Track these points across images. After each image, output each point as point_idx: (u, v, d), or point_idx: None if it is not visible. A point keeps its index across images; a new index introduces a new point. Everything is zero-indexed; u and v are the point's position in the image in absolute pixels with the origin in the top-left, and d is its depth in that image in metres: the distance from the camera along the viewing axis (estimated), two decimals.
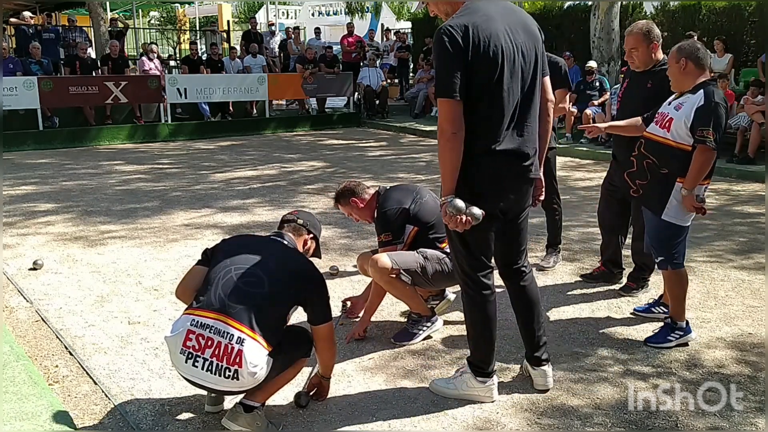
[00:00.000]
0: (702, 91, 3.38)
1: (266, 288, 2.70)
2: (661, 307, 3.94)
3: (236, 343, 2.58)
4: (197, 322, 2.64)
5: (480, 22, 2.61)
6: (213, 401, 2.94)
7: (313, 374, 3.07)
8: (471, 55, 2.58)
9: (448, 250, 3.45)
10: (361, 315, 3.82)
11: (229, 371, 2.58)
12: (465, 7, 2.70)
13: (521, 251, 3.06)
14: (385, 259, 3.51)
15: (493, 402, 3.01)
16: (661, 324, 3.70)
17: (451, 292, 3.97)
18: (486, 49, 2.59)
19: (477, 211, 2.65)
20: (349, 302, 4.02)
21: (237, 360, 2.57)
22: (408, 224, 3.67)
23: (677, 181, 3.44)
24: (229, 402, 2.93)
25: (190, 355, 2.62)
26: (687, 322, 3.62)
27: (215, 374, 2.59)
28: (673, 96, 3.59)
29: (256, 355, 2.60)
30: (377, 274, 3.53)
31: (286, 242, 2.97)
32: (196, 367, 2.61)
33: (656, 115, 3.61)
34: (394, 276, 3.53)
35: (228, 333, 2.59)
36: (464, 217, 2.63)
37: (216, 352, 2.58)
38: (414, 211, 3.65)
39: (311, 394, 3.02)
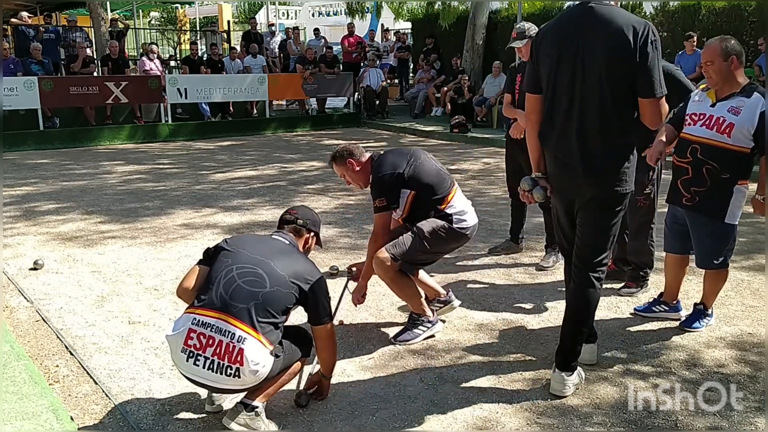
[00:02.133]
0: (757, 93, 3.43)
1: (268, 287, 2.70)
2: (662, 306, 3.95)
3: (237, 341, 2.59)
4: (198, 321, 2.65)
5: (553, 27, 3.02)
6: (213, 401, 2.95)
7: (313, 372, 3.07)
8: (539, 58, 3.03)
9: (448, 211, 3.60)
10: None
11: (231, 369, 2.59)
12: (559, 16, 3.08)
13: None
14: (383, 253, 3.51)
15: (592, 364, 3.29)
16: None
17: (456, 299, 3.97)
18: (548, 52, 2.98)
19: (539, 189, 3.16)
20: (355, 268, 3.99)
21: (238, 358, 2.58)
22: (405, 188, 3.59)
23: (739, 183, 3.50)
24: (229, 402, 2.93)
25: (191, 354, 2.63)
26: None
27: (217, 372, 2.60)
28: (698, 91, 3.64)
29: (257, 353, 2.61)
30: (379, 270, 3.54)
31: (287, 242, 2.97)
32: (198, 365, 2.62)
33: (697, 117, 3.57)
34: (396, 271, 3.53)
35: (229, 332, 2.60)
36: (528, 194, 3.13)
37: (217, 351, 2.59)
38: (409, 174, 3.56)
39: (311, 392, 3.02)
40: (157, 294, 4.45)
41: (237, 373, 2.59)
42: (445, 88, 14.37)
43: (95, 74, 13.33)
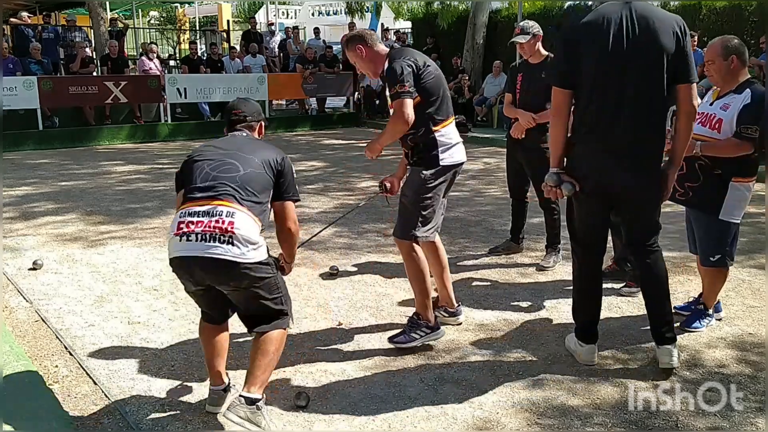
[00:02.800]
0: (748, 89, 3.46)
1: (242, 171, 2.78)
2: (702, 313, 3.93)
3: (227, 216, 2.65)
4: (185, 212, 2.73)
5: (594, 21, 3.05)
6: (214, 401, 2.94)
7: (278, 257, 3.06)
8: (577, 52, 3.09)
9: (438, 138, 3.51)
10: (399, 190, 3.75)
11: (224, 237, 2.62)
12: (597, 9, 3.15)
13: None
14: (399, 243, 3.54)
15: (592, 365, 3.32)
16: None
17: (462, 315, 3.91)
18: (589, 47, 3.06)
19: (567, 183, 3.21)
20: (387, 183, 3.85)
21: (229, 228, 2.63)
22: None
23: (733, 181, 3.51)
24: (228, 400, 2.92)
25: (183, 235, 2.67)
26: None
27: (210, 241, 2.62)
28: (709, 94, 3.66)
29: (247, 225, 2.67)
30: (401, 249, 3.55)
31: (245, 134, 3.07)
32: (190, 241, 2.64)
33: (698, 116, 3.56)
34: (416, 253, 3.50)
35: (217, 211, 2.67)
36: (556, 189, 3.17)
37: (208, 227, 2.64)
38: (423, 73, 3.41)
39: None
40: (157, 294, 4.45)
41: (230, 241, 2.62)
42: None
43: (94, 74, 13.32)
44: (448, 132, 3.59)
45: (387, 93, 3.49)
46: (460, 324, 3.86)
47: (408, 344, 3.54)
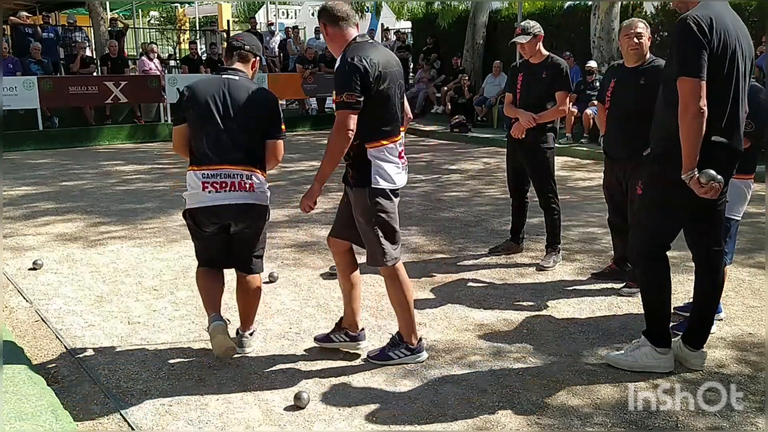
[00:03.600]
0: None
1: (244, 134, 3.27)
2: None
3: (246, 179, 3.25)
4: (206, 174, 3.24)
5: (717, 17, 2.94)
6: (221, 332, 3.21)
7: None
8: (714, 45, 2.91)
9: (373, 153, 3.12)
10: None
11: (246, 191, 3.25)
12: (702, 5, 3.03)
13: None
14: (383, 270, 3.31)
15: (671, 372, 3.26)
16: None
17: (365, 341, 3.54)
18: (724, 41, 2.92)
19: (719, 175, 2.90)
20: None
21: (250, 188, 3.26)
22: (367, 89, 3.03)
23: (733, 177, 3.46)
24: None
25: (211, 190, 3.22)
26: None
27: (237, 190, 3.23)
28: None
29: (260, 181, 3.31)
30: (382, 274, 3.37)
31: (237, 78, 3.34)
32: (219, 193, 3.22)
33: None
34: (397, 275, 3.27)
35: (236, 173, 3.24)
36: (717, 184, 2.88)
37: (233, 186, 3.24)
38: (374, 78, 3.02)
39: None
40: (157, 294, 4.45)
41: (251, 189, 3.27)
42: (446, 88, 14.37)
43: (95, 74, 13.32)
44: (390, 150, 3.19)
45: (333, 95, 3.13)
46: (359, 350, 3.48)
47: (384, 363, 3.37)
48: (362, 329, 3.53)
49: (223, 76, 3.33)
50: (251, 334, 3.57)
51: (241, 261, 3.45)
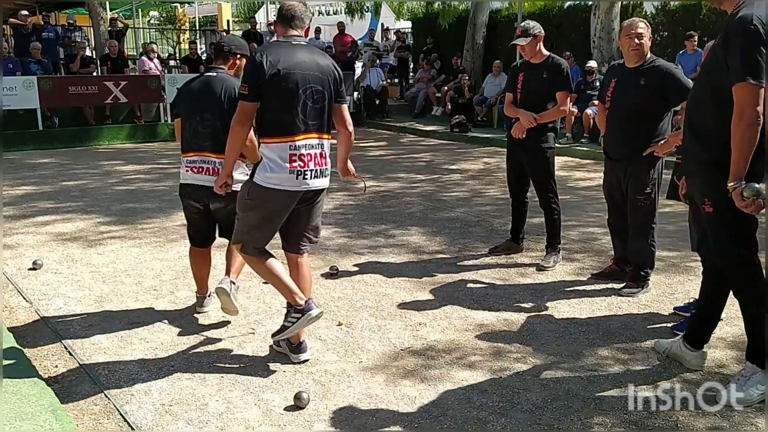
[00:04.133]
0: None
1: (218, 124, 3.62)
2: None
3: (219, 165, 3.58)
4: (187, 160, 3.76)
5: None
6: (201, 303, 4.03)
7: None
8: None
9: (266, 152, 3.17)
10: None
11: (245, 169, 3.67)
12: (758, 5, 2.80)
13: None
14: (237, 246, 3.42)
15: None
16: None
17: (317, 308, 3.39)
18: None
19: (765, 191, 2.73)
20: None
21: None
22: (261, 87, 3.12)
23: None
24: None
25: (192, 172, 3.76)
26: None
27: (212, 175, 3.65)
28: None
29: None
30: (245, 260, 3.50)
31: (215, 74, 3.76)
32: (198, 174, 3.75)
33: None
34: (256, 258, 3.33)
35: (211, 161, 3.70)
36: (762, 201, 2.73)
37: (208, 171, 3.69)
38: (273, 73, 3.09)
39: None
40: (156, 294, 4.45)
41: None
42: (446, 88, 14.37)
43: (95, 74, 13.32)
44: (279, 150, 3.17)
45: None
46: (314, 318, 3.32)
47: (282, 335, 3.34)
48: (309, 300, 3.35)
49: (206, 74, 3.84)
50: (233, 283, 3.85)
51: (226, 230, 3.85)
